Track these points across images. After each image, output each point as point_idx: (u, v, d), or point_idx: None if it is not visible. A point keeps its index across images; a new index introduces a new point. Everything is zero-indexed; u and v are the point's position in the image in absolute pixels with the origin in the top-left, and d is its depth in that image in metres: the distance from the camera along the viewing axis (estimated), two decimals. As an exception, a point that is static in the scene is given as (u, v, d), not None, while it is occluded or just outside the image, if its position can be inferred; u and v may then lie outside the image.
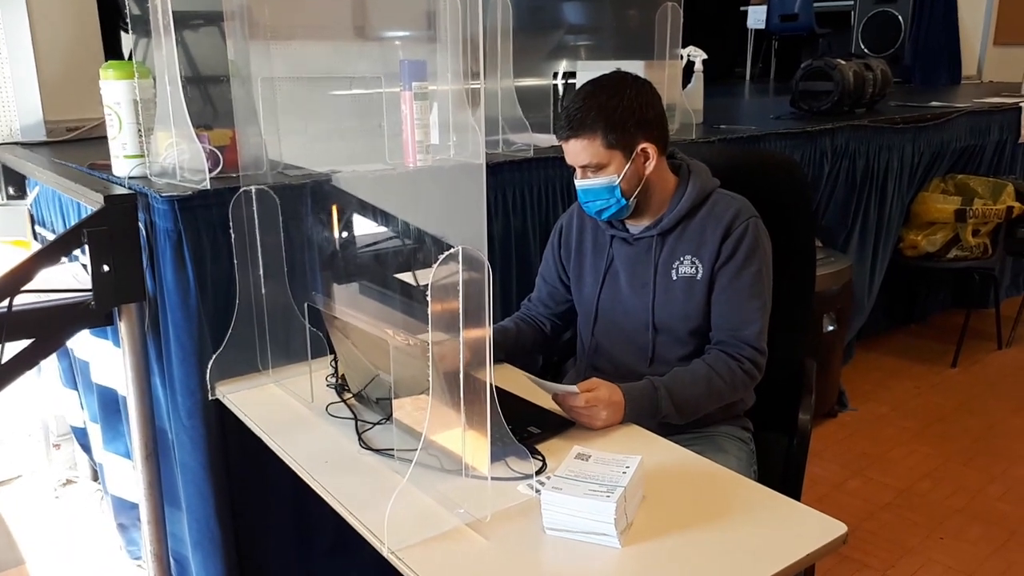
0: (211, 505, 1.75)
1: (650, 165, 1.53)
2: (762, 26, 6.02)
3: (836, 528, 1.10)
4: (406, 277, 1.81)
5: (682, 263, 1.57)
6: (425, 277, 1.28)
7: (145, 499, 1.82)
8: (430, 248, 1.54)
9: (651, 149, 1.52)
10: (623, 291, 1.64)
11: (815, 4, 5.75)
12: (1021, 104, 3.98)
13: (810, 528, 1.11)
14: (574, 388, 1.40)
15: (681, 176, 1.60)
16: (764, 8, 5.97)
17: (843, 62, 3.34)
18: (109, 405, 2.02)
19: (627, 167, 1.51)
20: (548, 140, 2.28)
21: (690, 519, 1.13)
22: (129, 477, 2.02)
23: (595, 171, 1.52)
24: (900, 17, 5.45)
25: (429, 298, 1.08)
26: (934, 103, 3.91)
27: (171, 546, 1.90)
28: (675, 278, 1.57)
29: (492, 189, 2.09)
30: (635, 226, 1.62)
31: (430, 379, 1.15)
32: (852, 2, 5.72)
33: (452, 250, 1.06)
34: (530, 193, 2.18)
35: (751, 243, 1.53)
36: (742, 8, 6.37)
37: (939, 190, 3.57)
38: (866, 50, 5.46)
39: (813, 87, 3.34)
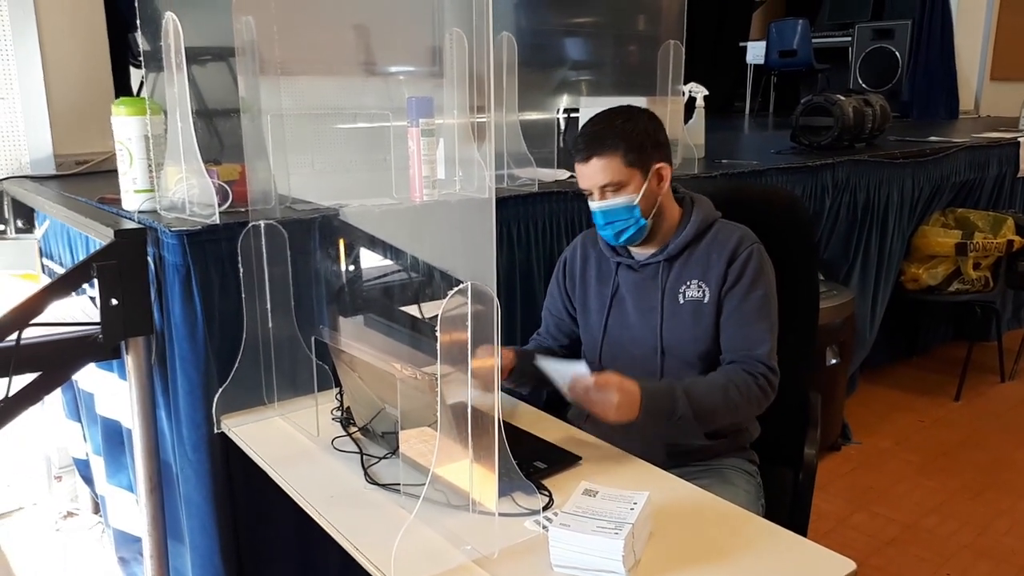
0: (215, 540, 1.74)
1: (664, 185, 1.57)
2: (761, 61, 6.11)
3: (845, 566, 1.09)
4: (412, 311, 1.81)
5: (689, 287, 1.59)
6: (432, 311, 1.29)
7: (148, 533, 1.81)
8: (438, 282, 1.56)
9: (664, 170, 1.56)
10: (630, 316, 1.65)
11: (813, 40, 5.84)
12: (1019, 139, 4.02)
13: (820, 566, 1.10)
14: (583, 368, 1.40)
15: (685, 207, 1.64)
16: (763, 44, 6.05)
17: (842, 97, 3.38)
18: (113, 437, 2.02)
19: (644, 186, 1.54)
20: (552, 174, 2.30)
21: (699, 556, 1.13)
22: (132, 510, 2.00)
23: (615, 191, 1.54)
24: (897, 53, 5.52)
25: (438, 332, 1.09)
26: (933, 138, 3.94)
27: (173, 581, 1.89)
28: (682, 302, 1.59)
29: (497, 223, 2.08)
30: (640, 253, 1.64)
31: (438, 413, 1.15)
32: (850, 38, 5.80)
33: (461, 285, 1.07)
34: (534, 227, 2.20)
35: (756, 267, 1.56)
36: (741, 44, 6.46)
37: (939, 224, 3.59)
38: (864, 85, 5.53)
39: (813, 122, 3.37)
